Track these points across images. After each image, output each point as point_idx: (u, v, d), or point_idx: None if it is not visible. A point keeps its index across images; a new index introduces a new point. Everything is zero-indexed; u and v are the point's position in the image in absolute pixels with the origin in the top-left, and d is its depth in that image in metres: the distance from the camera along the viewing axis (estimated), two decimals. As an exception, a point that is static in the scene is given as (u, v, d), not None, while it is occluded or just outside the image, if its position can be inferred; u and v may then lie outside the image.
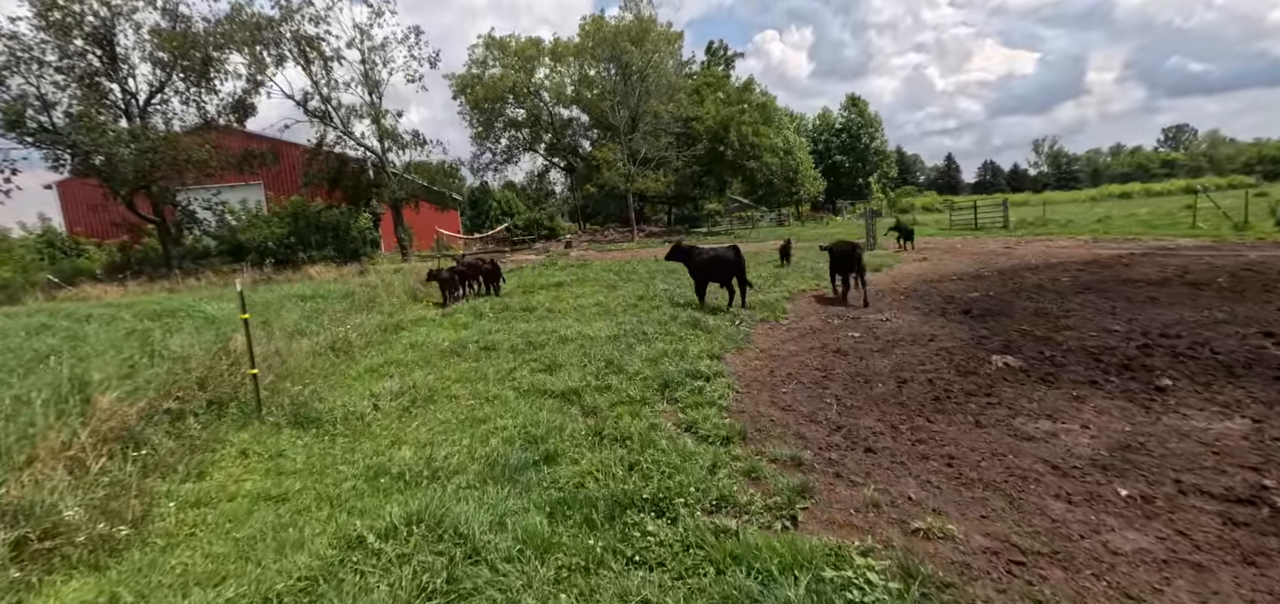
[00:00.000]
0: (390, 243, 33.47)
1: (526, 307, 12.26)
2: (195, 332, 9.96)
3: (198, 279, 21.50)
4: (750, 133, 36.46)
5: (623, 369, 6.92)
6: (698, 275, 11.30)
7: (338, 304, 12.75)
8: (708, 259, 10.99)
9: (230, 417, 5.53)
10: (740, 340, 8.29)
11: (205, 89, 25.21)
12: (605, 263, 22.54)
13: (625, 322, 10.08)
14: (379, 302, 13.24)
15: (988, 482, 3.81)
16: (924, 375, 6.13)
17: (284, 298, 14.14)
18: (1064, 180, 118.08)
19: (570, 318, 11.07)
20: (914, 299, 11.11)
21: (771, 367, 6.97)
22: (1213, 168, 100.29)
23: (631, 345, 8.16)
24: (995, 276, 13.32)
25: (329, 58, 26.12)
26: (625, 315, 10.83)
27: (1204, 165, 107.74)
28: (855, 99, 58.49)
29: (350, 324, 10.33)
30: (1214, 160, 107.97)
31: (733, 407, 5.57)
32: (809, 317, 9.99)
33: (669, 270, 17.96)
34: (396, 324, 10.97)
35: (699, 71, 45.35)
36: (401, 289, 15.18)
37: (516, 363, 7.80)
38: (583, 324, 10.14)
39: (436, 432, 5.38)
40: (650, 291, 13.24)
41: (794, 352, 7.67)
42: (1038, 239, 21.72)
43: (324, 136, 28.19)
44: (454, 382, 7.03)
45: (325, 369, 7.68)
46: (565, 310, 11.89)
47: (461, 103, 41.06)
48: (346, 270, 22.86)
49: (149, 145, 22.10)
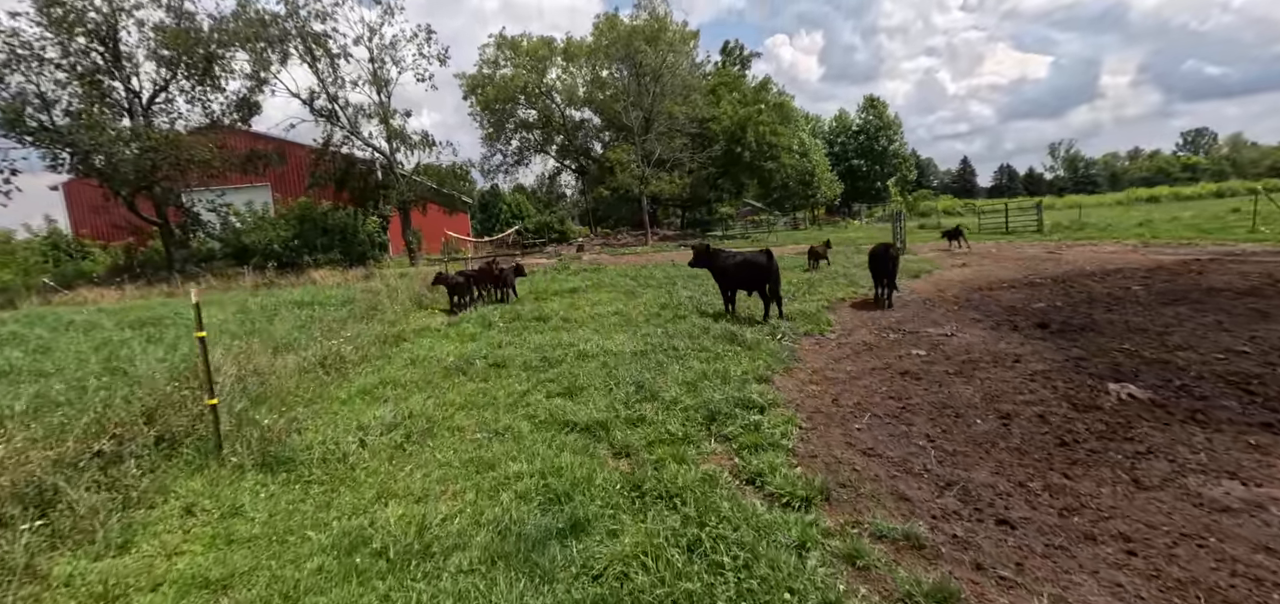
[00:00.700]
0: (398, 246, 32.66)
1: (539, 315, 11.22)
2: (173, 344, 9.02)
3: (198, 283, 20.71)
4: (768, 133, 35.28)
5: (656, 395, 5.85)
6: (725, 282, 10.21)
7: (336, 312, 11.79)
8: (736, 264, 9.87)
9: (182, 458, 4.51)
10: (786, 359, 7.20)
11: (210, 88, 24.50)
12: (620, 267, 21.51)
13: (650, 335, 9.02)
14: (381, 309, 12.26)
15: (1207, 588, 2.70)
16: (1030, 409, 5.01)
17: (281, 304, 13.22)
18: (1081, 184, 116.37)
19: (588, 329, 10.02)
20: (970, 309, 9.96)
21: (834, 393, 5.87)
22: (1236, 172, 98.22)
23: (662, 364, 7.09)
24: (1052, 285, 12.12)
25: (336, 55, 25.35)
26: (649, 327, 9.76)
27: (1227, 169, 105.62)
28: (873, 100, 57.13)
29: (345, 335, 9.34)
30: (1237, 164, 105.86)
31: (801, 449, 4.48)
32: (858, 329, 8.87)
33: (690, 276, 16.89)
34: (397, 335, 9.96)
35: (713, 72, 44.27)
36: (406, 295, 14.21)
37: (530, 384, 6.75)
38: (603, 337, 9.08)
39: (434, 479, 4.33)
40: (673, 299, 12.16)
41: (853, 373, 6.56)
42: (1080, 244, 20.42)
43: (330, 136, 27.43)
44: (458, 408, 5.99)
45: (311, 391, 6.67)
46: (582, 320, 10.84)
47: (472, 104, 40.27)
48: (351, 274, 22.00)
49: (150, 145, 21.36)
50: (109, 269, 26.82)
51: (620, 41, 35.30)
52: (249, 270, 23.35)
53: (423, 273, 20.64)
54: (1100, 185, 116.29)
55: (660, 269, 19.68)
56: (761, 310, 9.61)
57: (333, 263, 26.25)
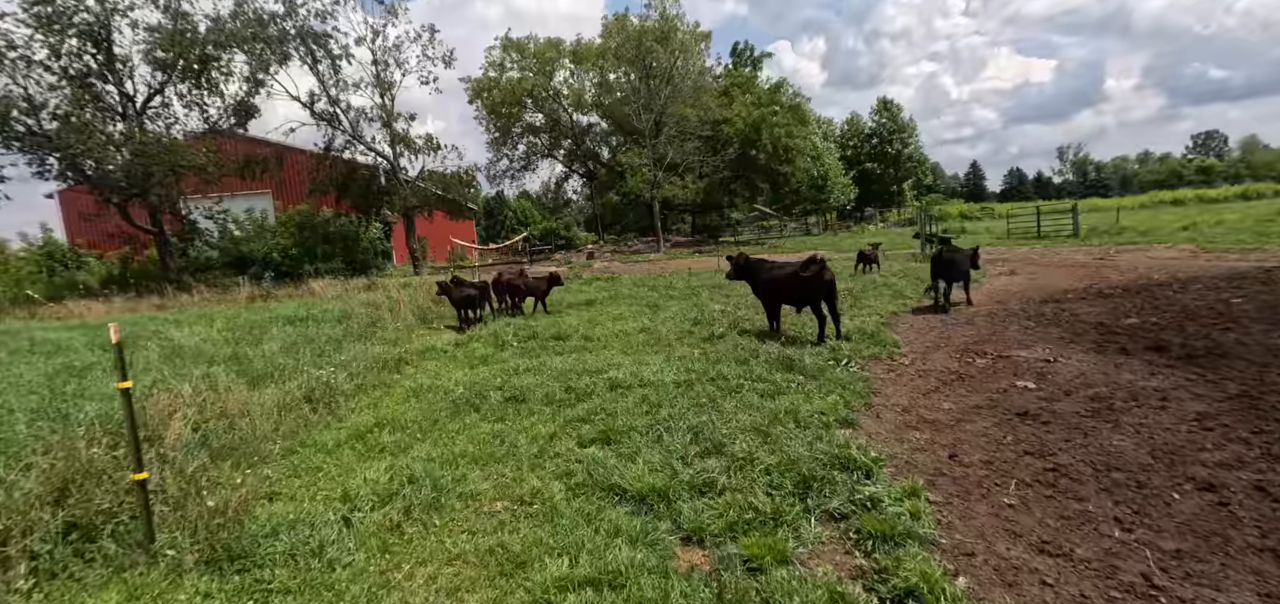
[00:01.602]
0: (403, 254, 31.57)
1: (557, 333, 10.02)
2: (142, 370, 7.86)
3: (191, 295, 19.62)
4: (783, 135, 34.07)
5: (721, 446, 4.63)
6: (769, 296, 8.98)
7: (332, 329, 10.62)
8: (784, 277, 8.63)
9: (100, 554, 3.32)
10: (862, 392, 5.97)
11: (207, 91, 23.49)
12: (635, 276, 20.33)
13: (689, 358, 7.81)
14: (381, 326, 11.09)
15: None
16: (1235, 476, 3.76)
17: (272, 320, 12.06)
18: (1092, 188, 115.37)
19: (614, 350, 8.81)
20: (1049, 326, 8.69)
21: (945, 443, 4.64)
22: (1252, 174, 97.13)
23: (715, 400, 5.87)
24: (1128, 295, 10.85)
25: (336, 56, 24.31)
26: (685, 348, 8.55)
27: (1243, 172, 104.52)
28: (887, 103, 55.84)
29: (339, 359, 8.16)
30: (1252, 166, 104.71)
31: (947, 541, 3.26)
32: (931, 351, 7.63)
33: (714, 286, 15.68)
34: (399, 359, 8.78)
35: (724, 73, 43.13)
36: (409, 309, 13.05)
37: (557, 425, 5.55)
38: (634, 359, 7.88)
39: (442, 588, 3.13)
40: (705, 314, 10.95)
41: (955, 413, 5.33)
42: (1129, 248, 19.11)
43: (332, 140, 26.39)
44: (470, 462, 4.78)
45: (291, 434, 5.48)
46: (605, 338, 9.63)
47: (478, 109, 39.27)
48: (353, 284, 20.84)
49: (140, 149, 20.33)
50: (103, 280, 25.81)
51: (631, 42, 34.21)
52: (246, 280, 22.29)
53: (427, 283, 19.50)
54: (1112, 189, 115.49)
55: (679, 278, 18.48)
56: (805, 325, 8.40)
57: (334, 272, 25.16)
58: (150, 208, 23.01)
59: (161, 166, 20.98)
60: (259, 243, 26.02)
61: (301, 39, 23.35)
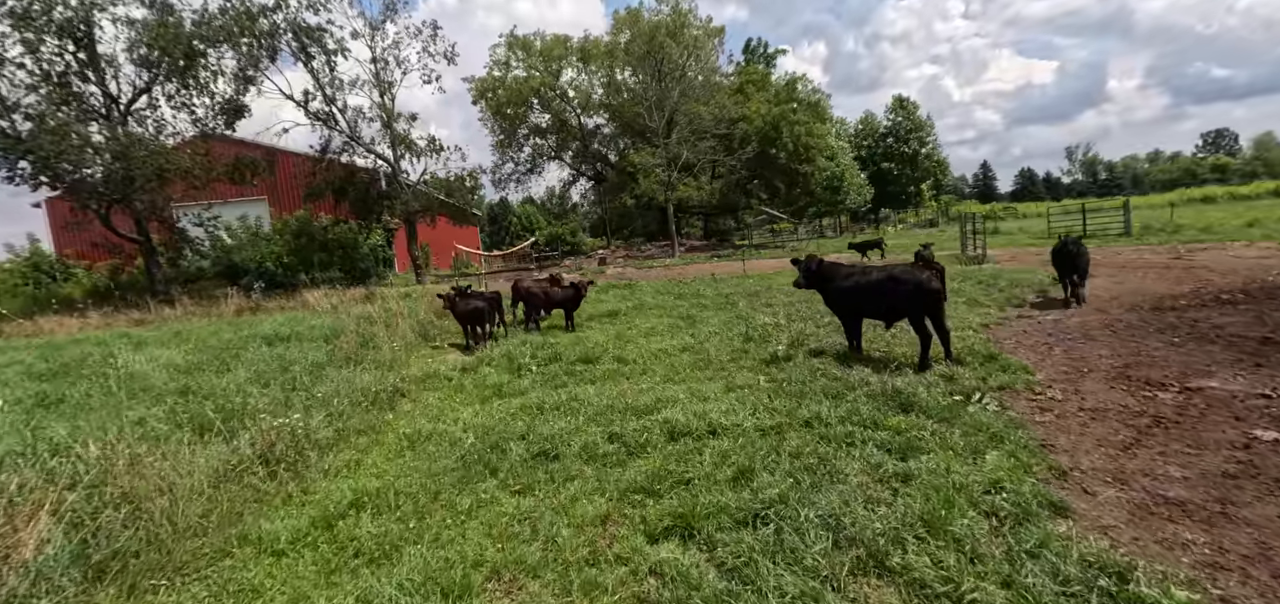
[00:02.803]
0: (405, 262, 30.02)
1: (584, 354, 8.35)
2: (77, 406, 6.24)
3: (173, 307, 18.06)
4: (804, 134, 32.37)
5: (882, 558, 2.95)
6: (849, 308, 7.24)
7: (317, 350, 8.98)
8: (869, 284, 6.90)
9: None
10: (1027, 445, 4.28)
11: (196, 90, 21.97)
12: (654, 283, 18.66)
13: (756, 388, 6.16)
14: (374, 345, 9.45)
15: None
16: None
17: (251, 338, 10.45)
18: (1104, 187, 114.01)
19: (658, 375, 7.16)
20: (1195, 340, 6.97)
21: (1245, 548, 2.95)
22: (1268, 171, 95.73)
23: (826, 459, 4.19)
24: (1253, 300, 9.13)
25: (332, 52, 22.75)
26: (744, 372, 6.90)
27: (1259, 169, 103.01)
28: (902, 101, 54.03)
29: (320, 393, 6.51)
30: (1268, 163, 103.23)
31: None
32: (1077, 378, 5.91)
33: (749, 293, 14.01)
34: (393, 389, 7.12)
35: (736, 70, 41.51)
36: (409, 324, 11.41)
37: (608, 500, 3.90)
38: (687, 390, 6.22)
39: None
40: (753, 327, 9.27)
41: (1198, 486, 3.63)
42: (1201, 247, 17.33)
43: (329, 142, 24.84)
44: (488, 576, 3.12)
45: (230, 522, 3.83)
46: (643, 360, 7.97)
47: (483, 110, 37.75)
48: (351, 294, 19.23)
49: (121, 150, 18.81)
50: (87, 292, 24.31)
51: (642, 37, 32.63)
52: (235, 291, 20.75)
53: (429, 293, 17.90)
54: (1125, 187, 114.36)
55: (704, 285, 16.81)
56: (884, 339, 6.72)
57: (331, 282, 23.62)
58: (135, 215, 21.49)
59: (145, 170, 19.45)
60: (252, 251, 24.48)
61: (294, 33, 21.82)
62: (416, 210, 26.35)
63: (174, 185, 21.94)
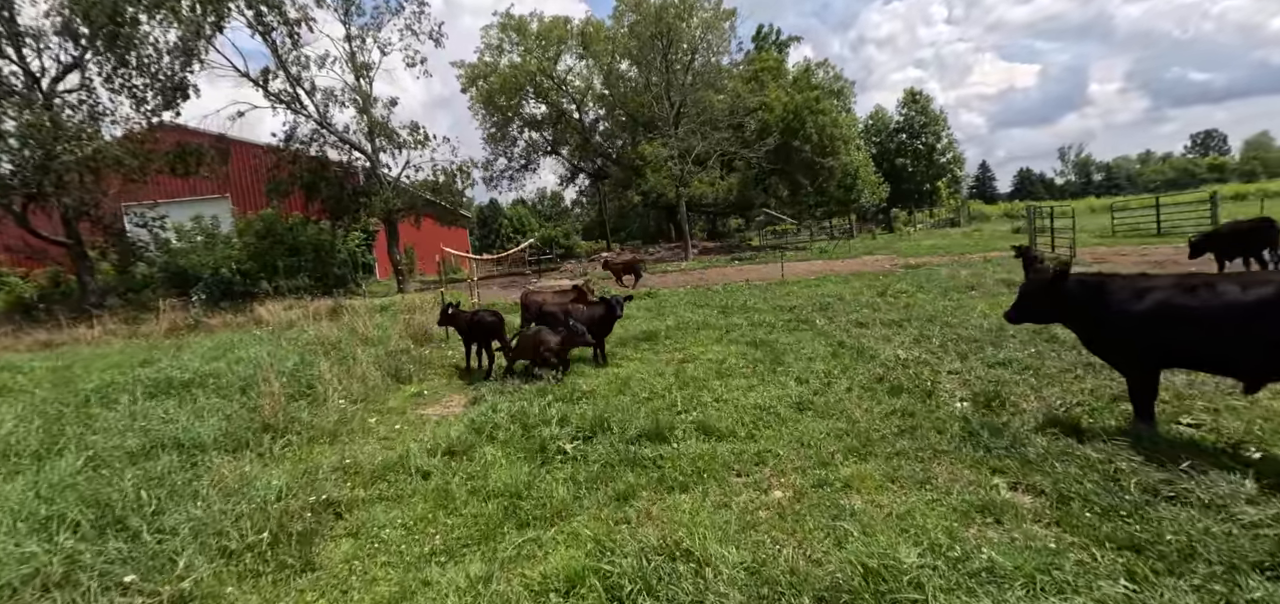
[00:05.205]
0: (388, 267, 26.69)
1: (648, 422, 5.19)
2: None
3: (92, 325, 14.66)
4: (829, 123, 29.40)
5: None
6: (1150, 351, 3.92)
7: (216, 416, 5.74)
8: (1208, 309, 3.68)
9: None
10: None
11: (135, 69, 18.58)
12: (677, 291, 15.52)
13: (1019, 512, 3.06)
14: (317, 396, 6.24)
15: None
16: None
17: (138, 384, 7.17)
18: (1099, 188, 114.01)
19: (790, 461, 4.05)
20: None
21: None
22: (1266, 170, 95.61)
23: None
24: None
25: (294, 21, 19.43)
26: (954, 463, 3.81)
27: (1258, 169, 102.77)
28: (915, 94, 51.26)
29: (171, 526, 3.32)
30: (1265, 163, 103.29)
31: None
32: None
33: (819, 305, 10.92)
34: (322, 503, 3.93)
35: (746, 57, 38.52)
36: (377, 352, 8.20)
37: None
38: (873, 506, 3.12)
39: None
40: (884, 366, 6.19)
41: None
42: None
43: (294, 129, 21.51)
44: None
45: None
46: (743, 429, 4.85)
47: (472, 99, 34.45)
48: (316, 306, 15.92)
49: (29, 131, 15.43)
50: (12, 304, 20.76)
51: (649, 19, 29.54)
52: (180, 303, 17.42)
53: (411, 304, 14.67)
54: (1122, 188, 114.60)
55: (741, 293, 13.77)
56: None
57: (299, 290, 20.29)
58: (64, 214, 18.07)
59: (68, 158, 16.07)
60: (207, 255, 21.06)
61: (248, 0, 18.51)
62: (398, 209, 23.04)
63: (108, 179, 18.57)
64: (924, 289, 11.64)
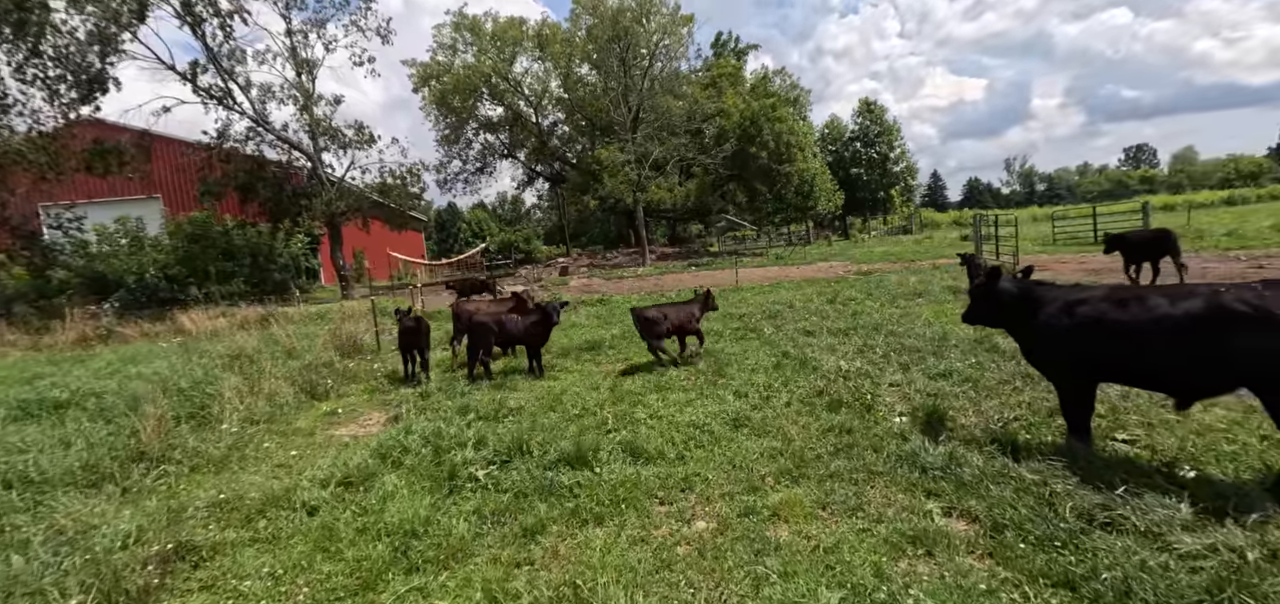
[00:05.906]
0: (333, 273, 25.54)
1: (569, 446, 4.80)
2: None
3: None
4: (786, 131, 29.64)
5: None
6: (1082, 364, 3.67)
7: (95, 432, 5.11)
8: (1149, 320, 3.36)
9: None
10: None
11: (53, 62, 17.22)
12: (630, 298, 15.19)
13: (953, 542, 2.81)
14: (209, 419, 5.63)
15: None
16: None
17: (17, 407, 6.39)
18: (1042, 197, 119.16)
19: (719, 490, 3.74)
20: None
21: None
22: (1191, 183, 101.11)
23: None
24: None
25: (227, 13, 18.37)
26: (888, 487, 3.58)
27: (1184, 182, 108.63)
28: (869, 104, 52.39)
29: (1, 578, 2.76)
30: (1190, 175, 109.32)
31: None
32: None
33: (768, 313, 10.71)
34: (171, 549, 3.40)
35: (705, 64, 38.63)
36: (295, 366, 7.58)
37: None
38: (803, 548, 2.82)
39: None
40: (825, 377, 5.97)
41: None
42: (1263, 254, 15.17)
43: (227, 127, 20.34)
44: None
45: None
46: (673, 448, 4.54)
47: (424, 99, 33.47)
48: (246, 314, 14.96)
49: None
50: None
51: (605, 22, 29.24)
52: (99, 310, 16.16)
53: (348, 312, 13.92)
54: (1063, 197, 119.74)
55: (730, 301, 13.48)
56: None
57: (233, 297, 19.15)
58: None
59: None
60: (131, 259, 19.66)
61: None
62: (342, 211, 22.07)
63: (15, 177, 17.16)
64: (872, 296, 11.59)
